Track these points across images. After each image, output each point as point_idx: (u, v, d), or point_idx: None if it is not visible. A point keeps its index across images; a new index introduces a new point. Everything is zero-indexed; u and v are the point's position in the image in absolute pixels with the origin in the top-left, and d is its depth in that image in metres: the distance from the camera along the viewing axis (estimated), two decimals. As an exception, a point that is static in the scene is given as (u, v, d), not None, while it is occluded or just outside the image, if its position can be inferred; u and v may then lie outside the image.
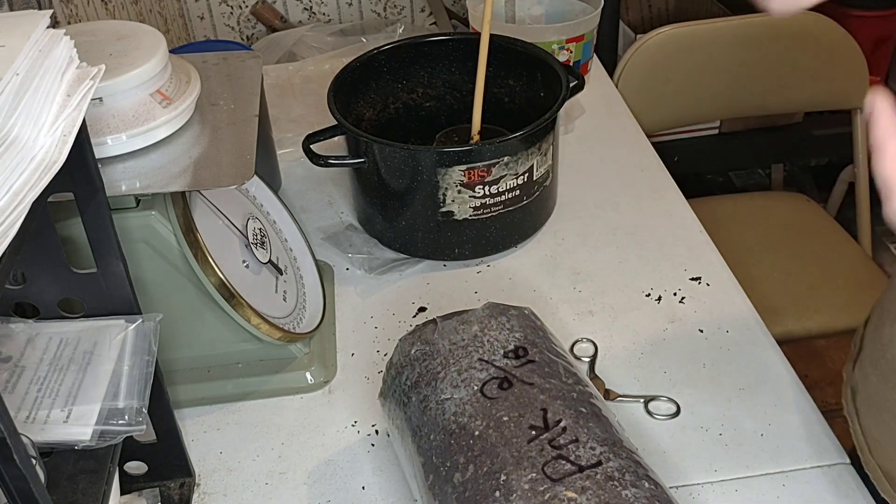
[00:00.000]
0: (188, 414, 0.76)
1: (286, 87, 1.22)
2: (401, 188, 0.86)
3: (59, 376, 0.56)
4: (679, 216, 0.97)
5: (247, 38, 1.99)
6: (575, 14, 1.20)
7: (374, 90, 1.00)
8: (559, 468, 0.52)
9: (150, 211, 0.68)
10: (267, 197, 0.85)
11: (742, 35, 1.39)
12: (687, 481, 0.68)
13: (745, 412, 0.73)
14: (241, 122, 0.73)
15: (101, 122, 0.66)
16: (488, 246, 0.91)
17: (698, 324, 0.82)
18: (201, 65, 0.80)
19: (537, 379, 0.59)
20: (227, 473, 0.71)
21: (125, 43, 0.69)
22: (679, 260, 0.90)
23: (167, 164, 0.68)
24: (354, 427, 0.75)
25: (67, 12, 1.36)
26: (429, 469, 0.58)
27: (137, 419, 0.54)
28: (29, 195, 0.42)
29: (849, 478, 0.68)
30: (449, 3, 1.91)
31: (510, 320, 0.64)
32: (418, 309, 0.86)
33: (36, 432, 0.52)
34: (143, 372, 0.56)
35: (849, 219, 1.49)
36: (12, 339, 0.58)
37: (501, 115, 1.00)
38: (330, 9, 1.97)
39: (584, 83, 0.94)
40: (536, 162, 0.87)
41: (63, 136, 0.46)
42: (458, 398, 0.58)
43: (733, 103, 1.48)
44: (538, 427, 0.55)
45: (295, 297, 0.80)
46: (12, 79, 0.43)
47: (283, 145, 1.08)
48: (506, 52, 0.97)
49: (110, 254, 0.56)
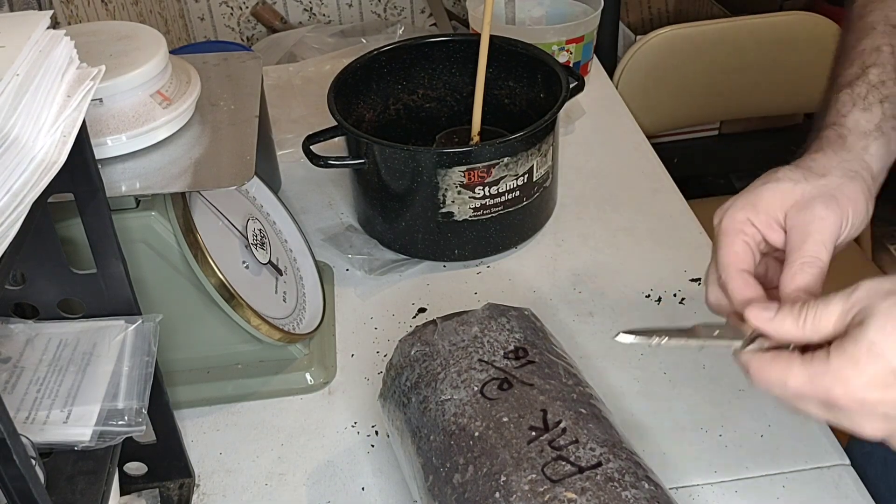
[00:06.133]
0: (188, 415, 0.76)
1: (286, 87, 1.22)
2: (401, 189, 0.86)
3: (59, 377, 0.56)
4: (679, 217, 0.97)
5: (247, 38, 1.99)
6: (575, 15, 1.20)
7: (374, 91, 1.00)
8: (559, 469, 0.52)
9: (150, 211, 0.68)
10: (267, 198, 0.85)
11: (742, 36, 1.39)
12: (687, 482, 0.68)
13: (745, 413, 0.73)
14: (241, 122, 0.73)
15: (101, 122, 0.66)
16: (488, 247, 0.91)
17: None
18: (201, 65, 0.80)
19: (537, 380, 0.59)
20: (227, 474, 0.71)
21: (125, 43, 0.69)
22: (679, 261, 0.90)
23: (167, 165, 0.68)
24: (354, 428, 0.75)
25: (68, 13, 1.36)
26: (428, 470, 0.58)
27: (137, 420, 0.54)
28: (29, 196, 0.42)
29: (848, 479, 0.68)
30: (449, 5, 1.91)
31: (510, 321, 0.64)
32: (418, 310, 0.86)
33: (35, 433, 0.52)
34: (143, 373, 0.56)
35: (849, 220, 1.49)
36: (12, 339, 0.58)
37: (501, 117, 1.00)
38: (330, 10, 1.97)
39: (584, 84, 0.94)
40: (536, 163, 0.87)
41: (63, 136, 0.46)
42: (457, 399, 0.58)
43: (733, 104, 1.48)
44: (538, 428, 0.55)
45: (295, 298, 0.80)
46: (12, 79, 0.43)
47: (284, 146, 1.08)
48: (506, 54, 0.97)
49: (110, 254, 0.56)
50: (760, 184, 0.54)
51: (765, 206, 0.53)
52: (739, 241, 0.53)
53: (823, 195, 0.52)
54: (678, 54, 1.38)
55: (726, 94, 1.44)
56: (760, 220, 0.53)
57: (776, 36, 1.38)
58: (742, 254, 0.53)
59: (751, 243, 0.54)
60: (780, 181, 0.54)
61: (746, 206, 0.54)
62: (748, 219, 0.53)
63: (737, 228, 0.53)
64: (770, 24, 1.39)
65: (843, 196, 0.53)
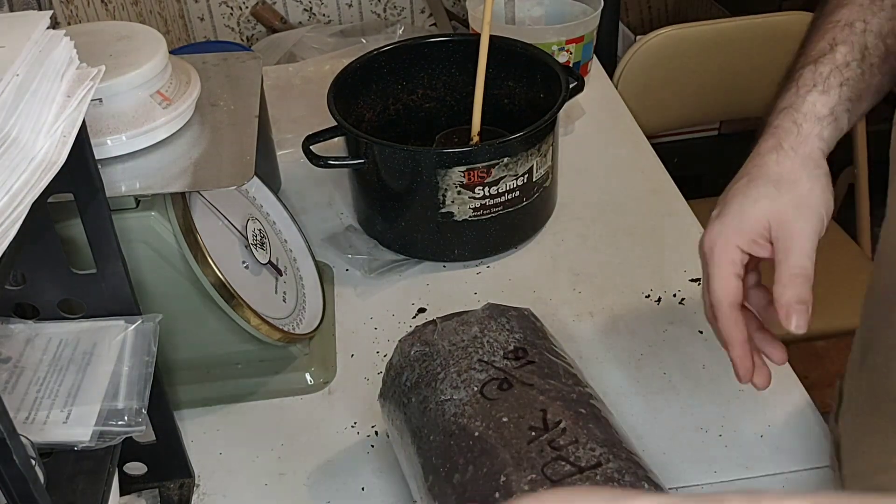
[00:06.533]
0: (188, 415, 0.76)
1: (286, 87, 1.22)
2: (401, 189, 0.86)
3: (59, 377, 0.56)
4: (679, 217, 0.97)
5: (247, 38, 1.99)
6: (575, 15, 1.20)
7: (374, 91, 1.00)
8: (559, 469, 0.52)
9: (150, 212, 0.68)
10: (267, 198, 0.85)
11: (741, 36, 1.39)
12: (687, 482, 0.68)
13: (745, 413, 0.73)
14: (241, 122, 0.73)
15: (100, 122, 0.66)
16: (488, 247, 0.91)
17: (698, 325, 0.82)
18: (201, 65, 0.80)
19: (537, 380, 0.59)
20: (227, 474, 0.71)
21: (125, 44, 0.69)
22: (679, 261, 0.90)
23: (167, 165, 0.68)
24: (354, 428, 0.75)
25: (67, 13, 1.36)
26: (428, 470, 0.58)
27: (137, 420, 0.54)
28: (29, 196, 0.42)
29: (848, 479, 0.68)
30: (449, 5, 1.91)
31: (510, 321, 0.64)
32: (418, 310, 0.86)
33: (35, 433, 0.52)
34: (143, 372, 0.56)
35: (849, 220, 1.49)
36: (12, 339, 0.58)
37: (501, 117, 1.00)
38: (330, 10, 1.97)
39: (584, 84, 0.94)
40: (536, 163, 0.87)
41: (63, 136, 0.46)
42: (457, 399, 0.58)
43: (733, 104, 1.48)
44: (538, 428, 0.55)
45: (295, 298, 0.80)
46: (12, 79, 0.43)
47: (283, 146, 1.08)
48: (506, 54, 0.97)
49: (110, 254, 0.56)
50: (739, 203, 0.58)
51: (749, 229, 0.57)
52: (730, 273, 0.57)
53: (799, 206, 0.56)
54: (678, 54, 1.38)
55: (726, 94, 1.44)
56: (747, 243, 0.57)
57: (776, 36, 1.38)
58: (733, 288, 0.57)
59: (740, 272, 0.58)
60: (757, 200, 0.57)
61: (735, 231, 0.57)
62: (737, 245, 0.57)
63: (728, 259, 0.57)
64: (769, 24, 1.39)
65: (814, 200, 0.57)
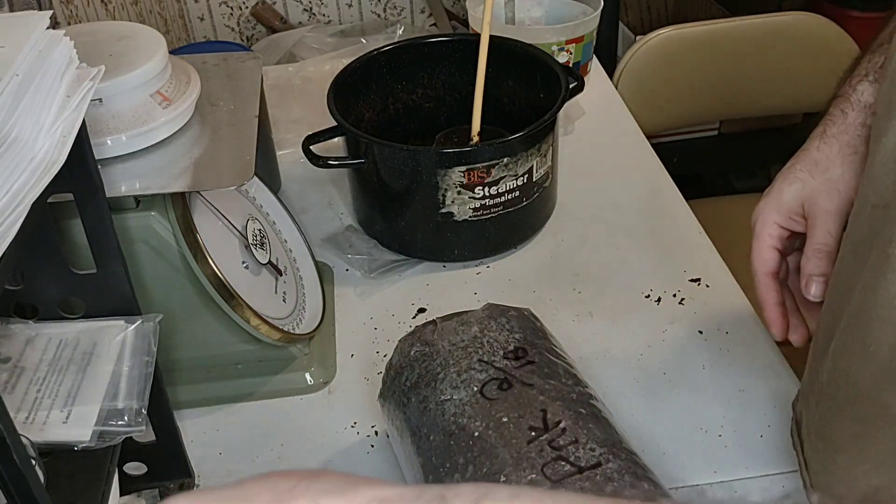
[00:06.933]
0: (188, 415, 0.76)
1: (286, 87, 1.22)
2: (400, 189, 0.86)
3: (59, 377, 0.56)
4: (678, 217, 0.97)
5: (247, 38, 1.99)
6: (574, 15, 1.20)
7: (373, 91, 1.00)
8: (559, 469, 0.52)
9: (150, 212, 0.68)
10: (266, 198, 0.85)
11: (741, 36, 1.39)
12: (687, 482, 0.68)
13: (745, 412, 0.73)
14: (241, 122, 0.73)
15: (100, 122, 0.66)
16: (488, 247, 0.91)
17: (698, 325, 0.82)
18: (201, 65, 0.80)
19: (537, 380, 0.59)
20: (227, 474, 0.71)
21: (125, 44, 0.69)
22: (678, 261, 0.90)
23: (167, 165, 0.68)
24: (354, 428, 0.75)
25: (67, 13, 1.36)
26: (428, 470, 0.58)
27: (137, 420, 0.54)
28: (29, 195, 0.42)
29: (848, 479, 0.68)
30: (449, 5, 1.91)
31: (510, 321, 0.64)
32: (418, 310, 0.86)
33: (35, 433, 0.52)
34: (143, 373, 0.56)
35: (848, 220, 1.49)
36: (12, 339, 0.58)
37: (501, 117, 1.00)
38: (330, 10, 1.97)
39: (584, 84, 0.94)
40: (536, 163, 0.87)
41: (63, 136, 0.46)
42: (457, 399, 0.58)
43: (732, 104, 1.48)
44: (538, 428, 0.55)
45: (294, 298, 0.80)
46: (12, 79, 0.43)
47: (283, 146, 1.08)
48: (505, 54, 0.97)
49: (110, 254, 0.56)
50: (780, 185, 0.67)
51: (786, 207, 0.66)
52: (767, 245, 0.67)
53: (828, 190, 0.65)
54: (678, 54, 1.38)
55: (726, 94, 1.44)
56: (784, 219, 0.66)
57: (775, 36, 1.38)
58: (769, 259, 0.67)
59: (777, 245, 0.67)
60: (792, 182, 0.66)
61: (773, 209, 0.67)
62: (774, 222, 0.67)
63: (766, 233, 0.67)
64: (769, 24, 1.39)
65: (844, 186, 0.64)
